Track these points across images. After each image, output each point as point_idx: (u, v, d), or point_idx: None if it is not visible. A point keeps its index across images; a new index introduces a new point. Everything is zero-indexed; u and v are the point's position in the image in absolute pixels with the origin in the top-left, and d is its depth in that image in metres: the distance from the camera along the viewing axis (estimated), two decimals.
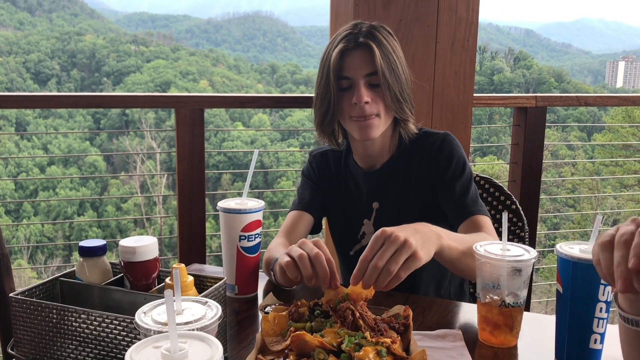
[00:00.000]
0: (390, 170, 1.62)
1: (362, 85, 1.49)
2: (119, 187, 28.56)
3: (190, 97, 2.53)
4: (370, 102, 1.49)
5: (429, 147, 1.58)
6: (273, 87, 46.04)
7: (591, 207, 15.85)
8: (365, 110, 1.49)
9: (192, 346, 0.73)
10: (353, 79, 1.50)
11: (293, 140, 31.36)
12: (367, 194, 1.65)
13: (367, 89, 1.49)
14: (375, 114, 1.50)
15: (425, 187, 1.58)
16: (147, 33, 62.93)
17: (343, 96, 1.53)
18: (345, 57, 1.51)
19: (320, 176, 1.71)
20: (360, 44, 1.49)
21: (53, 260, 21.83)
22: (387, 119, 1.54)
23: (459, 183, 1.52)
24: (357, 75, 1.49)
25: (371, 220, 1.64)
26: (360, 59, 1.49)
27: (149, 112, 31.49)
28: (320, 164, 1.72)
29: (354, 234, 1.66)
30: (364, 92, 1.48)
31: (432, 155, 1.57)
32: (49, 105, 2.73)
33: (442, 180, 1.54)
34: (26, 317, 1.04)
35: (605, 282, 0.92)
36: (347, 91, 1.52)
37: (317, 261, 1.14)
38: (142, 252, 1.11)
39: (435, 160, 1.56)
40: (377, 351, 0.96)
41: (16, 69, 41.29)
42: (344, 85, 1.52)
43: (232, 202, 1.40)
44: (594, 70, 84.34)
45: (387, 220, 1.59)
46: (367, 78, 1.49)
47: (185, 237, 2.54)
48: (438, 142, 1.57)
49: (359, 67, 1.49)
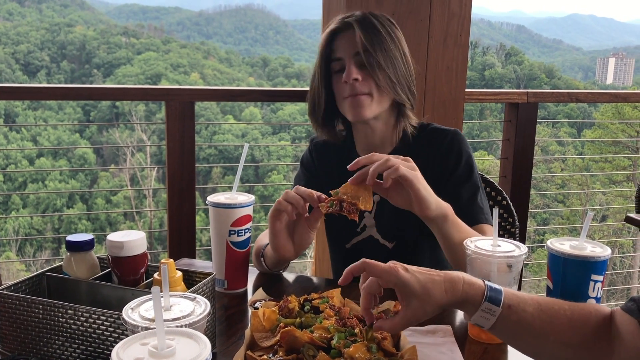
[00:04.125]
0: None
1: (352, 63, 1.49)
2: (109, 180, 28.39)
3: (181, 90, 2.51)
4: (360, 80, 1.49)
5: (436, 144, 1.56)
6: (264, 80, 45.89)
7: (580, 203, 15.97)
8: (355, 88, 1.49)
9: (180, 343, 0.72)
10: (344, 59, 1.51)
11: (284, 134, 31.31)
12: None
13: (358, 68, 1.49)
14: (367, 92, 1.50)
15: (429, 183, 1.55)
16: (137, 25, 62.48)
17: (337, 78, 1.54)
18: (335, 39, 1.54)
19: (320, 165, 1.69)
20: (349, 25, 1.52)
21: (42, 253, 21.69)
22: (380, 100, 1.52)
23: (466, 186, 1.50)
24: (346, 54, 1.51)
25: (372, 213, 1.61)
26: (349, 38, 1.51)
27: (140, 104, 31.28)
28: (321, 152, 1.70)
29: (353, 226, 1.63)
30: (353, 69, 1.49)
31: (440, 153, 1.54)
32: (39, 96, 2.70)
33: (449, 181, 1.52)
34: (12, 313, 1.03)
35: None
36: (340, 73, 1.52)
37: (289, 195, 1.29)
38: (130, 247, 1.10)
39: (442, 159, 1.54)
40: (367, 347, 0.95)
41: (5, 60, 40.88)
42: (336, 68, 1.54)
43: (221, 196, 1.39)
44: (585, 67, 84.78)
45: (388, 213, 1.57)
46: (357, 57, 1.49)
47: (175, 230, 2.53)
48: (447, 140, 1.55)
49: (347, 46, 1.51)
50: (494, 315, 0.92)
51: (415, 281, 0.93)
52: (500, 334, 0.97)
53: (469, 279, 0.94)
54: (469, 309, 0.94)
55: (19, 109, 33.70)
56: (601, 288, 1.08)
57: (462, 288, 0.93)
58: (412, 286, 0.92)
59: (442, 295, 0.92)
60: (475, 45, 41.85)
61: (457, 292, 0.93)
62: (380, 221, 1.59)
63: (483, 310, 0.92)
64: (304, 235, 1.37)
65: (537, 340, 0.93)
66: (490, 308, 0.91)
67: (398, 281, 0.93)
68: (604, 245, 1.11)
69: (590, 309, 0.96)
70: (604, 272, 1.08)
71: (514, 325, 0.93)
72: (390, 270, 0.94)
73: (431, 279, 0.93)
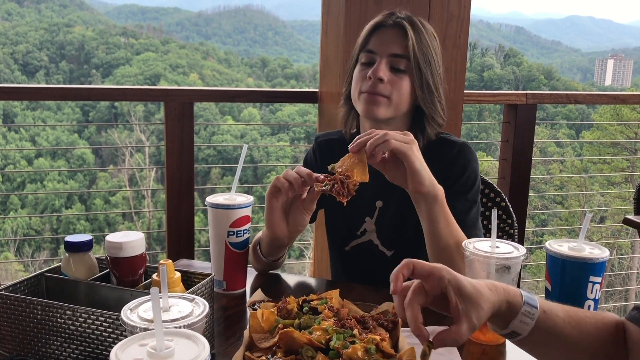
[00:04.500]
0: None
1: (384, 62, 1.44)
2: (108, 180, 28.36)
3: (180, 91, 2.52)
4: (385, 82, 1.44)
5: (443, 155, 1.52)
6: (263, 81, 45.88)
7: (579, 204, 15.98)
8: (376, 86, 1.44)
9: (179, 344, 0.72)
10: (377, 53, 1.46)
11: (283, 134, 31.28)
12: (371, 192, 1.57)
13: (388, 70, 1.45)
14: (386, 95, 1.45)
15: None
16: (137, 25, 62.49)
17: (360, 70, 1.49)
18: (377, 32, 1.48)
19: (322, 164, 1.65)
20: (398, 24, 1.47)
21: (40, 253, 21.65)
22: (398, 107, 1.47)
23: (462, 199, 1.47)
24: (383, 51, 1.45)
25: (373, 218, 1.59)
26: (391, 37, 1.46)
27: (138, 104, 31.25)
28: (325, 151, 1.66)
29: (353, 229, 1.62)
30: (382, 68, 1.43)
31: (445, 165, 1.50)
32: (37, 97, 2.71)
33: (447, 191, 1.47)
34: (10, 314, 1.03)
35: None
36: (366, 66, 1.48)
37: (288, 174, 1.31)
38: (129, 247, 1.10)
39: (447, 170, 1.50)
40: (365, 349, 0.95)
41: (4, 60, 40.83)
42: (363, 59, 1.48)
43: (220, 197, 1.39)
44: (583, 68, 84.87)
45: (390, 220, 1.56)
46: (391, 58, 1.45)
47: (173, 231, 2.53)
48: (454, 151, 1.51)
49: (387, 43, 1.45)
50: (533, 318, 0.86)
51: (464, 279, 0.85)
52: (532, 344, 0.89)
53: (504, 284, 0.89)
54: (508, 315, 0.86)
55: (17, 109, 33.66)
56: (600, 289, 1.08)
57: (503, 292, 0.86)
58: (465, 285, 0.83)
59: (490, 293, 0.85)
60: (473, 46, 41.88)
61: (500, 291, 0.86)
62: (380, 227, 1.58)
63: (523, 314, 0.86)
64: (298, 217, 1.38)
65: (568, 350, 0.89)
66: (530, 311, 0.86)
67: (452, 278, 0.83)
68: (602, 247, 1.11)
69: (609, 317, 0.92)
70: (603, 273, 1.09)
71: (547, 332, 0.87)
72: (442, 268, 0.85)
73: (478, 283, 0.86)
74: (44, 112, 34.85)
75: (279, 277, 1.52)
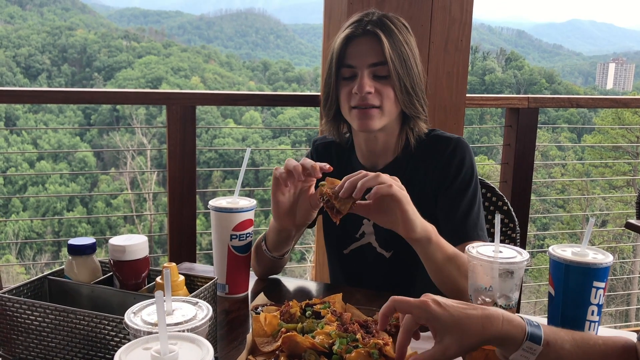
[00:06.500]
0: (394, 172, 1.53)
1: (366, 75, 1.42)
2: (109, 183, 28.38)
3: (182, 94, 2.52)
4: (373, 93, 1.43)
5: (439, 152, 1.51)
6: (265, 84, 45.93)
7: (580, 208, 15.96)
8: (367, 100, 1.43)
9: (183, 348, 0.72)
10: (356, 67, 1.44)
11: (284, 137, 31.32)
12: None
13: (371, 80, 1.43)
14: (377, 105, 1.44)
15: (429, 194, 1.51)
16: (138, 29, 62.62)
17: (344, 85, 1.47)
18: (350, 44, 1.45)
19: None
20: (368, 32, 1.43)
21: (42, 256, 21.67)
22: (390, 113, 1.47)
23: (463, 199, 1.46)
24: (361, 64, 1.43)
25: (371, 220, 1.58)
26: (367, 47, 1.43)
27: (140, 108, 31.31)
28: (322, 155, 1.66)
29: (351, 232, 1.62)
30: (366, 82, 1.42)
31: (442, 162, 1.50)
32: (39, 100, 2.72)
33: (447, 191, 1.48)
34: (13, 317, 1.03)
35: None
36: (349, 80, 1.46)
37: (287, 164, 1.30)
38: (132, 251, 1.10)
39: (444, 168, 1.49)
40: (368, 353, 0.95)
41: (6, 63, 40.93)
42: (346, 75, 1.46)
43: (223, 200, 1.39)
44: (585, 72, 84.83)
45: None
46: (371, 68, 1.43)
47: (175, 234, 2.53)
48: (450, 148, 1.50)
49: (364, 55, 1.43)
50: (534, 354, 0.87)
51: (448, 316, 0.88)
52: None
53: (508, 316, 0.89)
54: (508, 347, 0.89)
55: (19, 112, 33.73)
56: (603, 295, 1.08)
57: (501, 326, 0.88)
58: (444, 321, 0.87)
59: (479, 332, 0.87)
60: (475, 50, 41.89)
61: (497, 329, 0.88)
62: (378, 230, 1.57)
63: (524, 349, 0.87)
64: (304, 211, 1.38)
65: None
66: (531, 347, 0.87)
67: (429, 316, 0.88)
68: (605, 252, 1.11)
69: (622, 342, 0.92)
70: (606, 278, 1.08)
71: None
72: (421, 305, 0.89)
73: (466, 315, 0.88)
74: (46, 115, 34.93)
75: (281, 281, 1.52)
